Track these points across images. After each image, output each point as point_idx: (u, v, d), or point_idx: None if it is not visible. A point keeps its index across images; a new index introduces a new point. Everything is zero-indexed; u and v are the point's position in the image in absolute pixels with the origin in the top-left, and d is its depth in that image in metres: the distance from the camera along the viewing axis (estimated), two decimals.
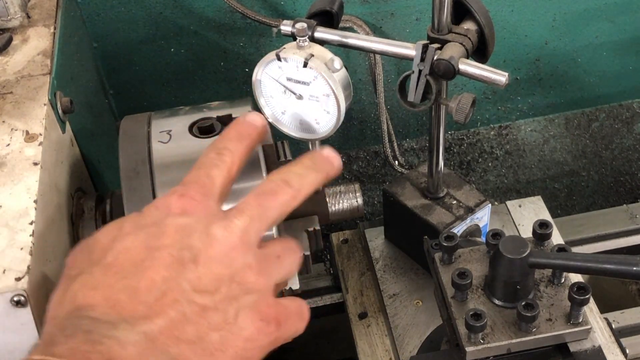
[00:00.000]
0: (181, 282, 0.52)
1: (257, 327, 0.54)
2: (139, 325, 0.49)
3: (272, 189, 0.59)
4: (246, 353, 0.54)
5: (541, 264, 0.77)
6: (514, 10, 1.34)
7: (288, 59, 0.78)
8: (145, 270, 0.52)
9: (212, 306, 0.53)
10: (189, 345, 0.51)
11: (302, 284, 0.85)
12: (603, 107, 1.54)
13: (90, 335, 0.47)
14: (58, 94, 0.88)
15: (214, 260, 0.54)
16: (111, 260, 0.53)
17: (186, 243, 0.54)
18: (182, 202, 0.56)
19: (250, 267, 0.56)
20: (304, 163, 0.62)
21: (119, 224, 0.57)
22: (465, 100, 0.84)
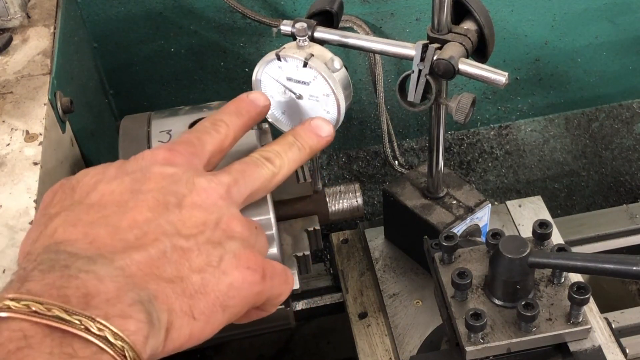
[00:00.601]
0: (164, 223, 0.51)
1: (242, 275, 0.53)
2: (117, 260, 0.48)
3: (254, 162, 0.60)
4: (227, 300, 0.52)
5: (541, 263, 0.77)
6: (514, 10, 1.34)
7: (288, 58, 0.78)
8: (128, 210, 0.51)
9: (195, 248, 0.52)
10: (169, 283, 0.49)
11: (302, 284, 0.85)
12: (603, 107, 1.55)
13: (67, 270, 0.46)
14: (58, 93, 0.88)
15: (200, 207, 0.53)
16: (94, 201, 0.52)
17: (172, 189, 0.53)
18: (169, 154, 0.56)
19: (236, 217, 0.55)
20: (286, 140, 0.63)
21: (103, 168, 0.56)
22: (465, 100, 0.84)
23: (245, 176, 0.58)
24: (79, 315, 0.44)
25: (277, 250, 0.79)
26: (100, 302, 0.45)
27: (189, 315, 0.50)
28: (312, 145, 0.64)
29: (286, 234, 0.87)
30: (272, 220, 0.78)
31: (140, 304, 0.47)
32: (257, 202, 0.77)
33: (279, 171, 0.61)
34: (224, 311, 0.52)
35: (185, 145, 0.58)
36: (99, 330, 0.44)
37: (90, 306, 0.45)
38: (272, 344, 1.58)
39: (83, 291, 0.45)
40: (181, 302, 0.50)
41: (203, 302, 0.51)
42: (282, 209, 0.87)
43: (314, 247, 0.89)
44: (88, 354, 0.44)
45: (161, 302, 0.48)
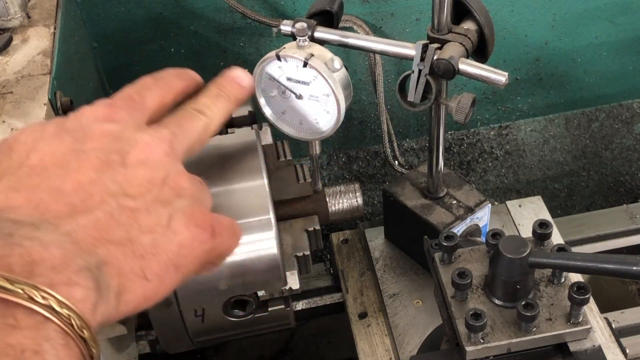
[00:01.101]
0: (109, 184, 0.50)
1: (192, 233, 0.52)
2: (63, 226, 0.47)
3: (188, 115, 0.59)
4: (179, 259, 0.51)
5: (541, 263, 0.77)
6: (514, 10, 1.34)
7: (288, 58, 0.78)
8: (71, 172, 0.50)
9: (143, 208, 0.50)
10: (118, 246, 0.48)
11: (302, 284, 0.85)
12: (603, 107, 1.55)
13: (10, 238, 0.44)
14: (58, 93, 0.88)
15: (144, 164, 0.52)
16: (35, 162, 0.50)
17: (114, 147, 0.52)
18: (109, 110, 0.55)
19: (183, 173, 0.54)
20: (211, 91, 0.63)
21: (42, 125, 0.54)
22: (465, 100, 0.84)
23: (184, 129, 0.57)
24: (22, 284, 0.42)
25: (277, 250, 0.79)
26: (45, 270, 0.44)
27: (141, 277, 0.49)
28: (236, 95, 0.64)
29: (286, 234, 0.87)
30: (272, 220, 0.78)
31: (88, 270, 0.45)
32: (257, 202, 0.78)
33: (212, 122, 0.60)
34: (177, 270, 0.51)
35: (126, 99, 0.57)
36: (43, 299, 0.42)
37: (34, 274, 0.43)
38: (272, 344, 1.58)
39: (27, 259, 0.44)
40: (132, 264, 0.49)
41: (155, 263, 0.50)
42: (282, 209, 0.87)
43: (314, 247, 0.89)
44: (32, 323, 0.42)
45: (111, 266, 0.47)
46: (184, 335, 0.88)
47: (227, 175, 0.78)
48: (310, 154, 0.91)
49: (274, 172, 0.87)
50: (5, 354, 0.41)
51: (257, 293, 0.85)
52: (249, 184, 0.78)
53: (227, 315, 0.86)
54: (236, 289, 0.82)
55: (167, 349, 0.93)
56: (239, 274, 0.80)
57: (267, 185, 0.79)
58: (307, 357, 1.58)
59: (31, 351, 0.41)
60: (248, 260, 0.78)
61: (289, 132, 0.85)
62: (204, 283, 0.81)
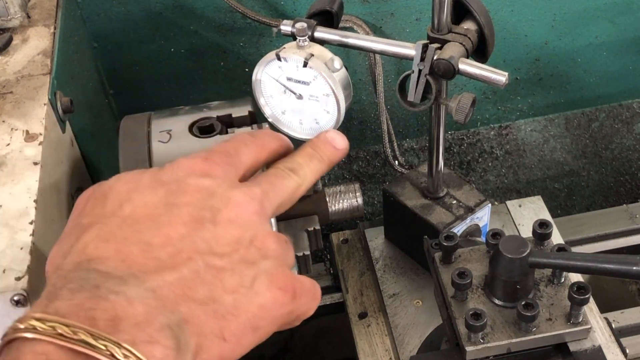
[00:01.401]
0: (198, 241, 0.50)
1: (273, 295, 0.52)
2: (149, 281, 0.47)
3: (281, 174, 0.59)
4: (259, 321, 0.51)
5: (541, 263, 0.77)
6: (514, 10, 1.34)
7: (288, 58, 0.78)
8: (162, 226, 0.50)
9: (228, 268, 0.50)
10: (200, 305, 0.48)
11: None
12: (603, 107, 1.55)
13: (97, 290, 0.45)
14: (58, 93, 0.88)
15: (234, 223, 0.52)
16: (128, 213, 0.51)
17: (207, 203, 0.52)
18: (205, 165, 0.55)
19: (270, 234, 0.54)
20: (306, 152, 0.62)
21: (138, 175, 0.54)
22: (465, 100, 0.84)
23: (275, 188, 0.57)
24: (105, 340, 0.43)
25: None
26: (128, 326, 0.44)
27: (219, 337, 0.49)
28: (330, 157, 0.64)
29: (286, 234, 0.87)
30: (272, 220, 0.78)
31: (170, 329, 0.45)
32: None
33: (303, 182, 0.60)
34: (255, 332, 0.52)
35: (222, 154, 0.57)
36: (124, 357, 0.43)
37: (117, 330, 0.44)
38: (272, 344, 1.58)
39: (112, 314, 0.44)
40: (212, 323, 0.49)
41: (234, 324, 0.50)
42: None
43: (314, 247, 0.89)
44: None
45: (191, 325, 0.47)
46: None
47: None
48: None
49: None
50: None
51: None
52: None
53: None
54: None
55: None
56: None
57: None
58: (307, 357, 1.58)
59: None
60: None
61: (289, 132, 0.85)
62: None
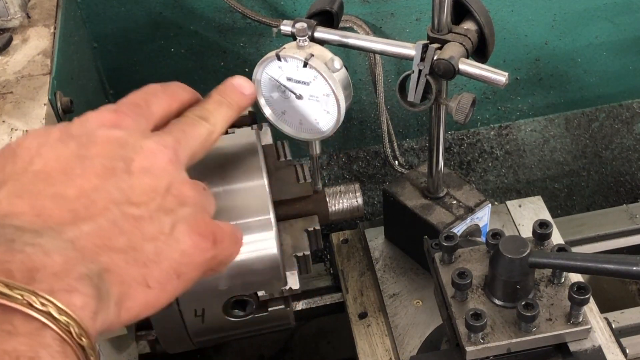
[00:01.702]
0: (113, 191, 0.50)
1: (194, 241, 0.52)
2: (66, 233, 0.47)
3: (192, 121, 0.59)
4: (181, 267, 0.52)
5: (541, 263, 0.77)
6: (514, 10, 1.34)
7: (288, 58, 0.78)
8: (75, 178, 0.50)
9: (146, 216, 0.50)
10: (120, 254, 0.48)
11: (302, 284, 0.85)
12: (603, 107, 1.55)
13: (12, 244, 0.44)
14: (58, 93, 0.88)
15: (149, 172, 0.52)
16: (39, 167, 0.50)
17: (119, 153, 0.52)
18: (114, 116, 0.55)
19: (186, 182, 0.54)
20: (214, 99, 0.62)
21: (47, 130, 0.53)
22: (465, 100, 0.84)
23: (187, 135, 0.57)
24: (22, 289, 0.42)
25: (277, 250, 0.79)
26: (46, 276, 0.43)
27: (142, 285, 0.49)
28: (238, 102, 0.64)
29: (286, 234, 0.87)
30: (272, 220, 0.78)
31: (89, 278, 0.45)
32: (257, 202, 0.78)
33: (214, 129, 0.60)
34: (179, 278, 0.52)
35: (132, 106, 0.57)
36: (42, 305, 0.42)
37: (34, 280, 0.43)
38: (272, 344, 1.58)
39: (28, 265, 0.43)
40: (134, 271, 0.49)
41: (157, 271, 0.50)
42: (282, 209, 0.87)
43: (314, 247, 0.89)
44: (29, 330, 0.42)
45: (112, 274, 0.47)
46: (184, 335, 0.88)
47: (227, 175, 0.78)
48: (310, 154, 0.91)
49: (274, 172, 0.87)
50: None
51: (257, 293, 0.85)
52: (249, 184, 0.78)
53: (227, 316, 0.86)
54: (236, 289, 0.82)
55: (167, 349, 0.93)
56: (239, 274, 0.79)
57: (267, 186, 0.79)
58: (307, 357, 1.58)
59: (27, 358, 0.41)
60: (248, 261, 0.78)
61: (289, 132, 0.85)
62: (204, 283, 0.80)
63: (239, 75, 0.65)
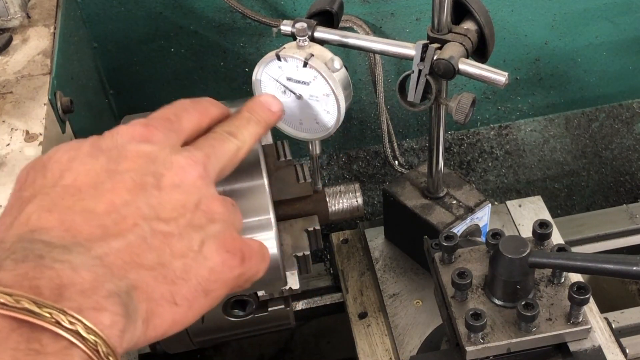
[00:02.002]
0: (142, 207, 0.50)
1: (222, 259, 0.52)
2: (94, 249, 0.46)
3: (221, 137, 0.59)
4: (209, 285, 0.51)
5: (541, 263, 0.77)
6: (514, 10, 1.34)
7: (288, 58, 0.78)
8: (105, 193, 0.49)
9: (176, 233, 0.50)
10: (149, 271, 0.48)
11: (302, 284, 0.85)
12: (603, 107, 1.55)
13: (41, 260, 0.44)
14: (58, 93, 0.88)
15: (179, 187, 0.52)
16: (69, 182, 0.50)
17: (149, 169, 0.52)
18: (145, 130, 0.54)
19: (216, 198, 0.54)
20: (243, 115, 0.63)
21: (77, 144, 0.53)
22: (465, 100, 0.84)
23: (216, 151, 0.57)
24: (50, 307, 0.42)
25: (277, 250, 0.79)
26: (74, 294, 0.43)
27: (170, 302, 0.49)
28: (266, 120, 0.64)
29: (286, 234, 0.87)
30: (272, 220, 0.78)
31: (117, 296, 0.45)
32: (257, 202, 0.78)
33: (243, 145, 0.60)
34: (206, 296, 0.52)
35: (163, 120, 0.56)
36: (70, 324, 0.42)
37: (63, 298, 0.43)
38: (272, 344, 1.58)
39: (56, 282, 0.43)
40: (162, 289, 0.48)
41: (185, 288, 0.50)
42: (282, 209, 0.87)
43: (314, 247, 0.89)
44: (57, 349, 0.41)
45: (141, 291, 0.47)
46: (184, 335, 0.88)
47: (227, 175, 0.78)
48: (310, 154, 0.91)
49: (274, 172, 0.87)
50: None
51: (257, 293, 0.85)
52: (249, 184, 0.78)
53: (227, 315, 0.86)
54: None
55: (167, 349, 0.93)
56: None
57: (267, 185, 0.79)
58: (307, 357, 1.58)
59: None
60: None
61: (289, 132, 0.85)
62: None
63: (266, 93, 0.66)
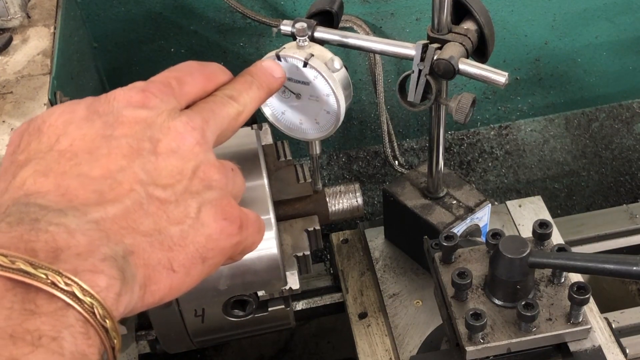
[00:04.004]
0: (139, 172, 0.49)
1: (220, 226, 0.52)
2: (90, 213, 0.46)
3: (221, 101, 0.58)
4: (206, 252, 0.51)
5: (541, 263, 0.77)
6: (514, 10, 1.34)
7: (288, 58, 0.78)
8: (101, 158, 0.49)
9: (172, 199, 0.50)
10: (146, 237, 0.48)
11: (302, 284, 0.85)
12: (603, 107, 1.55)
13: (36, 223, 0.44)
14: (58, 93, 0.88)
15: (176, 153, 0.51)
16: (65, 146, 0.49)
17: (146, 134, 0.51)
18: (142, 95, 0.54)
19: (213, 164, 0.53)
20: (244, 79, 0.61)
21: (72, 106, 0.52)
22: (465, 100, 0.84)
23: (216, 116, 0.56)
24: (45, 269, 0.42)
25: (277, 250, 0.79)
26: (70, 256, 0.43)
27: (167, 268, 0.49)
28: (269, 84, 0.63)
29: (286, 234, 0.87)
30: (272, 220, 0.78)
31: (113, 260, 0.45)
32: (257, 202, 0.78)
33: (244, 109, 0.59)
34: (204, 262, 0.51)
35: (162, 86, 0.56)
36: (66, 285, 0.42)
37: (58, 260, 0.43)
38: (272, 344, 1.58)
39: (52, 245, 0.43)
40: (159, 255, 0.48)
41: (182, 255, 0.50)
42: (282, 209, 0.87)
43: (314, 247, 0.89)
44: (52, 309, 0.41)
45: (137, 256, 0.47)
46: (184, 335, 0.88)
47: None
48: (310, 154, 0.91)
49: (274, 172, 0.87)
50: (22, 339, 0.40)
51: (257, 293, 0.85)
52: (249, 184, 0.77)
53: (227, 315, 0.86)
54: (236, 289, 0.82)
55: (167, 349, 0.93)
56: (239, 274, 0.80)
57: (267, 185, 0.79)
58: (307, 357, 1.58)
59: (49, 337, 0.41)
60: (248, 260, 0.78)
61: (289, 132, 0.85)
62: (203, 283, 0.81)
63: (269, 59, 0.65)
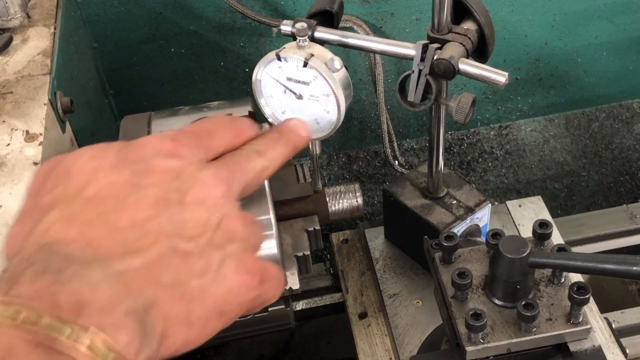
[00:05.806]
0: (164, 223, 0.49)
1: (241, 280, 0.52)
2: (114, 265, 0.46)
3: (247, 155, 0.58)
4: (225, 306, 0.51)
5: (541, 263, 0.77)
6: (514, 10, 1.34)
7: (288, 58, 0.78)
8: (128, 207, 0.49)
9: (195, 251, 0.50)
10: (167, 289, 0.47)
11: (302, 284, 0.85)
12: (603, 107, 1.55)
13: (60, 275, 0.44)
14: (58, 93, 0.88)
15: (202, 205, 0.51)
16: (92, 194, 0.49)
17: (173, 185, 0.51)
18: (172, 145, 0.54)
19: (237, 216, 0.54)
20: (272, 136, 0.62)
21: (102, 151, 0.52)
22: (465, 100, 0.84)
23: (242, 169, 0.57)
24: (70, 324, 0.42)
25: (277, 250, 0.79)
26: (93, 311, 0.43)
27: (185, 322, 0.49)
28: (295, 142, 0.63)
29: (286, 234, 0.87)
30: (272, 220, 0.78)
31: (135, 314, 0.45)
32: (257, 202, 0.78)
33: (270, 164, 0.59)
34: (221, 317, 0.51)
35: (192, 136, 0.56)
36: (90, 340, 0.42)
37: (82, 315, 0.43)
38: (272, 344, 1.58)
39: (76, 297, 0.43)
40: (178, 308, 0.48)
41: (201, 308, 0.49)
42: (282, 209, 0.87)
43: (314, 247, 0.89)
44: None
45: (158, 309, 0.47)
46: None
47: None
48: (310, 154, 0.91)
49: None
50: None
51: None
52: None
53: None
54: None
55: None
56: None
57: (267, 185, 0.79)
58: (307, 357, 1.58)
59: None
60: None
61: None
62: None
63: (295, 118, 0.66)
